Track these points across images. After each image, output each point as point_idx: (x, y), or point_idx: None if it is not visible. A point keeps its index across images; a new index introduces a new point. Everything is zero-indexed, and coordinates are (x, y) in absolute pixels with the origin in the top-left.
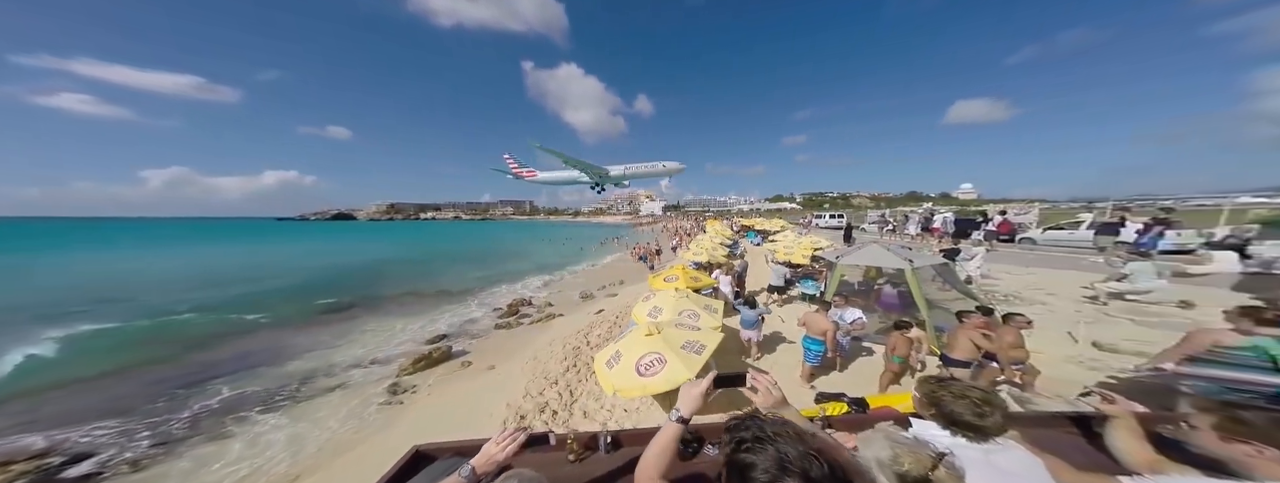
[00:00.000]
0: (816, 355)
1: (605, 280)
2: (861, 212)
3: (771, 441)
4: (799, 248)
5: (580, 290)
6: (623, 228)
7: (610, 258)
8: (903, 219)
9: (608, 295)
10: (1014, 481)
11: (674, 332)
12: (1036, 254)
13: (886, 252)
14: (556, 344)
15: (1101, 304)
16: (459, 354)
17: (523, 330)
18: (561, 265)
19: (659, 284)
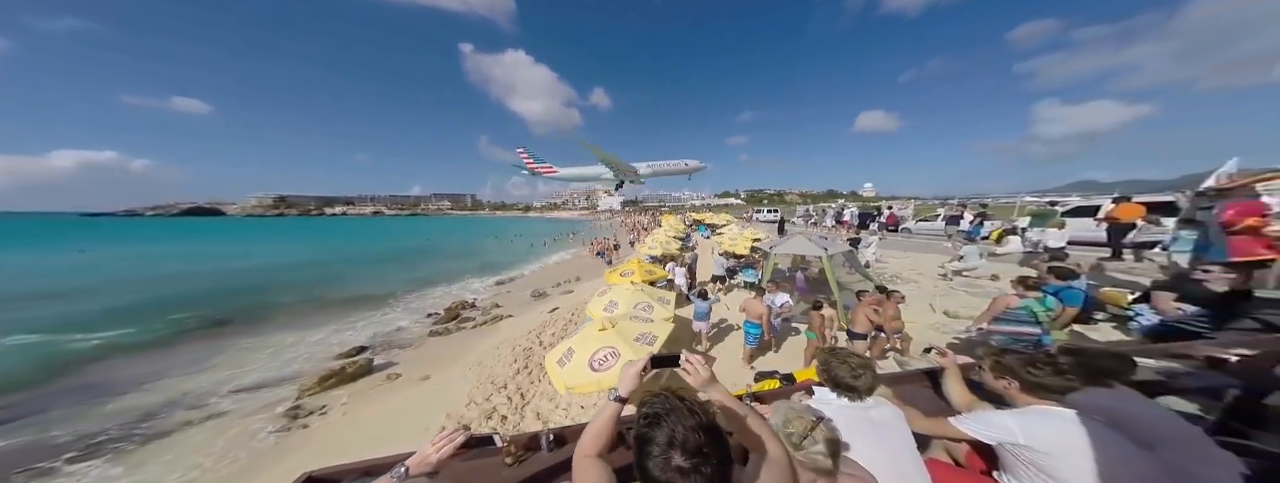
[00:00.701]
0: (754, 338)
1: (560, 277)
2: (792, 207)
3: (666, 417)
4: (741, 240)
5: (532, 289)
6: (579, 223)
7: (566, 254)
8: (821, 213)
9: (563, 293)
10: (884, 430)
11: (628, 325)
12: (912, 241)
13: (809, 242)
14: (505, 347)
15: (949, 280)
16: (383, 367)
17: (464, 336)
18: (510, 264)
19: (615, 279)
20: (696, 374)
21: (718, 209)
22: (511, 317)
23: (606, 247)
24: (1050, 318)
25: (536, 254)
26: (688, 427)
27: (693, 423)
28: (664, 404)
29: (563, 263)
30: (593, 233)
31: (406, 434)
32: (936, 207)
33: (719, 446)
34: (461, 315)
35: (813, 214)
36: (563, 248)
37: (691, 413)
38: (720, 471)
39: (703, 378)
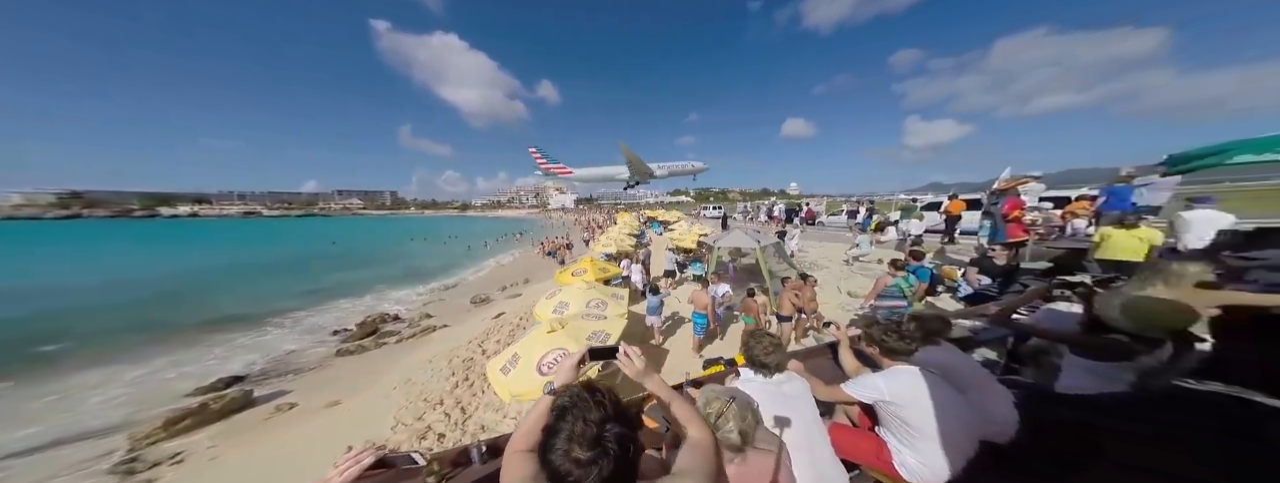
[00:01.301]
0: (702, 328)
1: (506, 280)
2: (734, 204)
3: (571, 409)
4: (690, 235)
5: (473, 295)
6: (528, 222)
7: (512, 255)
8: (756, 209)
9: (510, 296)
10: (794, 402)
11: (580, 324)
12: (824, 232)
13: (745, 236)
14: (440, 360)
15: (850, 265)
16: (270, 398)
17: (386, 353)
18: (444, 269)
19: (566, 279)
20: (632, 365)
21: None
22: (447, 327)
23: (558, 246)
24: (913, 293)
25: (477, 257)
26: (591, 419)
27: (598, 416)
28: (571, 397)
29: (509, 265)
30: (544, 232)
31: (313, 470)
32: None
33: (623, 438)
34: (381, 330)
35: (749, 210)
36: (508, 249)
37: (598, 405)
38: (623, 461)
39: (638, 369)
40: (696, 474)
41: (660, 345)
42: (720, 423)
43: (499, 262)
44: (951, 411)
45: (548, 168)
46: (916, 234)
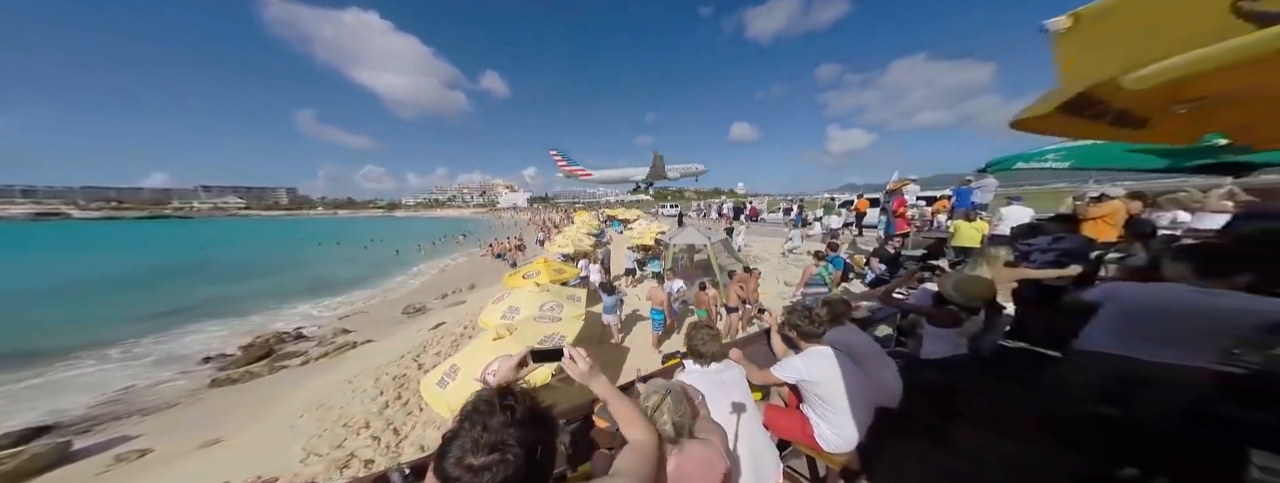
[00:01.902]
0: (659, 324)
1: (448, 287)
2: (689, 202)
3: (471, 415)
4: (648, 233)
5: (406, 305)
6: (472, 222)
7: (454, 259)
8: (708, 208)
9: (452, 305)
10: (731, 388)
11: (533, 328)
12: (766, 228)
13: (698, 233)
14: (364, 379)
15: (785, 257)
16: (103, 447)
17: (284, 378)
18: (365, 278)
19: (516, 282)
20: (576, 367)
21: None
22: (371, 342)
23: (508, 248)
24: (832, 280)
25: (409, 262)
26: (492, 424)
27: (501, 420)
28: (473, 402)
29: (451, 270)
30: (492, 233)
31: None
32: (779, 201)
33: (530, 442)
34: (278, 352)
35: (702, 209)
36: (449, 252)
37: (504, 409)
38: (528, 467)
39: (582, 371)
40: (631, 476)
41: (620, 343)
42: (656, 416)
43: (439, 267)
44: (855, 384)
45: (569, 171)
46: (835, 228)
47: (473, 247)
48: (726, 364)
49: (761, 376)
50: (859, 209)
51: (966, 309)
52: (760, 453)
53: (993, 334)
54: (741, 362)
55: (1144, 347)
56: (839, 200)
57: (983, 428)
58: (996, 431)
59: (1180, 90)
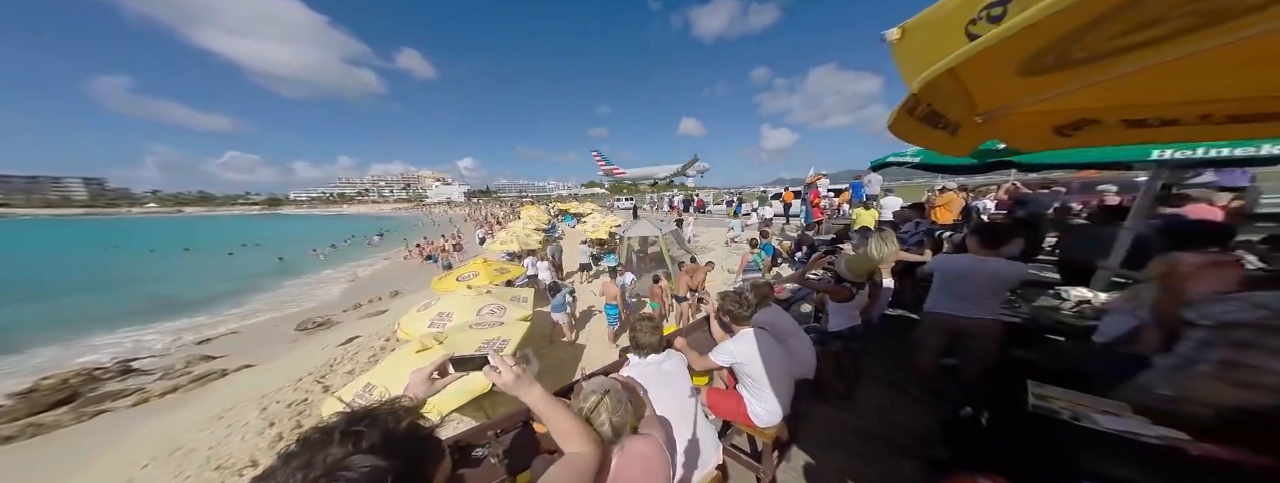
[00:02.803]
0: (615, 318)
1: (363, 296)
2: (644, 196)
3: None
4: (603, 227)
5: (303, 320)
6: (393, 220)
7: (370, 264)
8: (661, 201)
9: (369, 315)
10: (672, 377)
11: (469, 334)
12: (712, 219)
13: (650, 225)
14: (245, 409)
15: (728, 246)
16: None
17: (103, 425)
18: (232, 294)
19: (447, 285)
20: (500, 376)
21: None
22: (248, 368)
23: (441, 248)
24: (764, 265)
25: (300, 269)
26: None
27: (337, 454)
28: (305, 434)
29: (366, 277)
30: (421, 232)
31: None
32: (723, 195)
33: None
34: (86, 395)
35: (656, 202)
36: (362, 256)
37: (345, 438)
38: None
39: (507, 380)
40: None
41: (574, 341)
42: (593, 417)
43: (350, 273)
44: (779, 361)
45: (607, 169)
46: (767, 218)
47: (393, 248)
48: (667, 354)
49: (702, 361)
50: (785, 201)
51: (856, 284)
52: (702, 437)
53: (878, 305)
54: (684, 349)
55: (958, 305)
56: (770, 193)
57: (875, 386)
58: (884, 387)
59: (974, 104)
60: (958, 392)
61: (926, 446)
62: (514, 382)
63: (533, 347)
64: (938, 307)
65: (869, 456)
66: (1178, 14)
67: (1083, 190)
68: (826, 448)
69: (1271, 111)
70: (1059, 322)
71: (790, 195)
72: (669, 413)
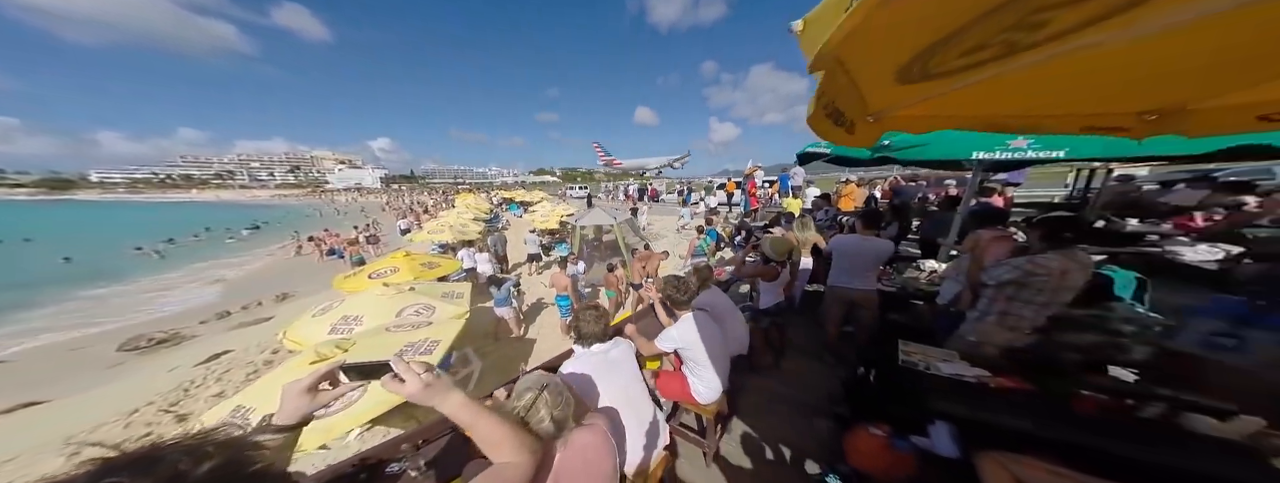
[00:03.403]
0: (567, 310)
1: (234, 302)
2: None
3: None
4: (553, 216)
5: (129, 338)
6: (272, 209)
7: (244, 263)
8: (616, 189)
9: (241, 325)
10: (618, 365)
11: (384, 339)
12: (665, 208)
13: (603, 213)
14: (42, 457)
15: (680, 233)
16: None
17: None
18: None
19: (357, 284)
20: (403, 386)
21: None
22: (38, 405)
23: (349, 241)
24: (710, 250)
25: (117, 273)
26: None
27: None
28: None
29: (237, 279)
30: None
31: None
32: (676, 183)
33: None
34: None
35: (611, 190)
36: (228, 253)
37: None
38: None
39: (413, 390)
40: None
41: (523, 336)
42: (530, 415)
43: (211, 275)
44: (716, 342)
45: (607, 160)
46: (712, 206)
47: (278, 243)
48: (614, 342)
49: (648, 347)
50: (728, 190)
51: (779, 263)
52: (651, 421)
53: (799, 283)
54: (634, 337)
55: (851, 279)
56: (716, 183)
57: (798, 356)
58: (805, 356)
59: (866, 105)
60: (855, 355)
61: (835, 404)
62: (422, 391)
63: (475, 346)
64: (835, 282)
65: (795, 419)
66: (994, 42)
67: (936, 183)
68: (761, 416)
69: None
70: (919, 289)
71: (733, 185)
72: (616, 401)
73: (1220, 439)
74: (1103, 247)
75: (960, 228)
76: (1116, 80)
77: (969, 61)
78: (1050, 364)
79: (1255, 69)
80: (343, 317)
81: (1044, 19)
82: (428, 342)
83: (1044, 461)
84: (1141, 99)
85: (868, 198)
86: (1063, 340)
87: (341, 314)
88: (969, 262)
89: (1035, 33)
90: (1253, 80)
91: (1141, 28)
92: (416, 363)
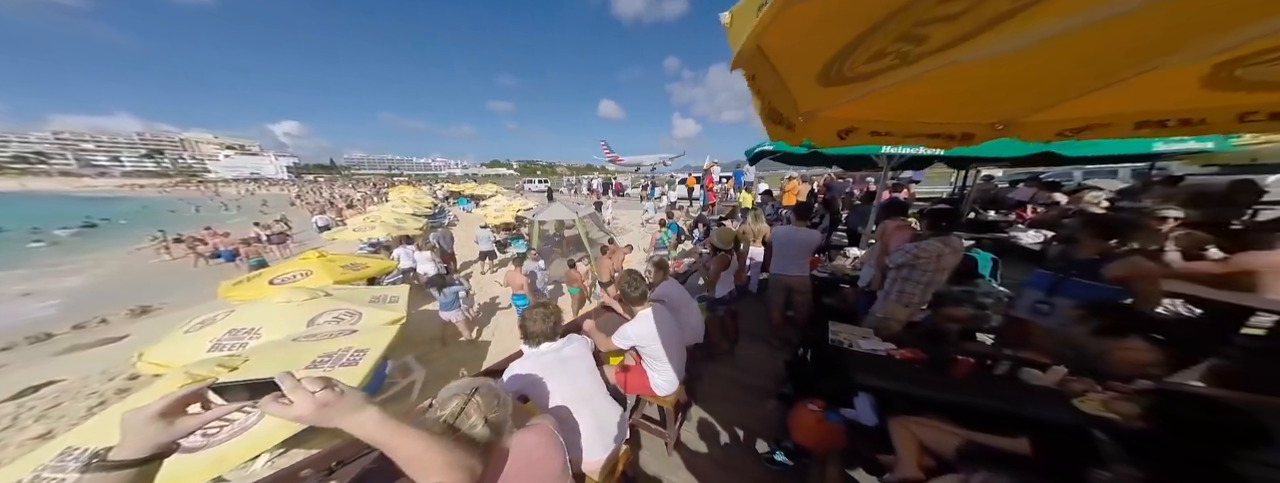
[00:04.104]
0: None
1: (64, 321)
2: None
3: None
4: (508, 210)
5: None
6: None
7: (79, 269)
8: (579, 183)
9: (72, 349)
10: (572, 362)
11: (289, 352)
12: (630, 202)
13: (564, 208)
14: None
15: (644, 227)
16: None
17: None
18: None
19: (252, 291)
20: (295, 408)
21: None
22: None
23: (241, 241)
24: (670, 243)
25: None
26: None
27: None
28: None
29: (72, 290)
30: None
31: None
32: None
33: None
34: None
35: (573, 184)
36: (46, 258)
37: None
38: None
39: (304, 411)
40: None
41: (476, 339)
42: (461, 422)
43: (20, 289)
44: (672, 334)
45: (611, 157)
46: (673, 201)
47: (134, 244)
48: (567, 339)
49: (607, 344)
50: (688, 185)
51: (727, 251)
52: (608, 417)
53: (751, 271)
54: (592, 333)
55: (788, 267)
56: (677, 178)
57: (750, 342)
58: (756, 342)
59: (796, 105)
60: (796, 337)
61: (780, 384)
62: (317, 412)
63: (419, 353)
64: (775, 269)
65: (748, 402)
66: (891, 51)
67: (860, 180)
68: (717, 401)
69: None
70: (846, 274)
71: (692, 180)
72: (569, 400)
73: (1042, 387)
74: (971, 234)
75: (875, 218)
76: (983, 94)
77: (875, 68)
78: (935, 335)
79: (1052, 92)
80: (230, 331)
81: (924, 33)
82: (351, 352)
83: (935, 420)
84: (997, 111)
85: (809, 193)
86: (944, 313)
87: (228, 328)
88: (879, 248)
89: (921, 45)
90: (1051, 101)
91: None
92: (311, 379)
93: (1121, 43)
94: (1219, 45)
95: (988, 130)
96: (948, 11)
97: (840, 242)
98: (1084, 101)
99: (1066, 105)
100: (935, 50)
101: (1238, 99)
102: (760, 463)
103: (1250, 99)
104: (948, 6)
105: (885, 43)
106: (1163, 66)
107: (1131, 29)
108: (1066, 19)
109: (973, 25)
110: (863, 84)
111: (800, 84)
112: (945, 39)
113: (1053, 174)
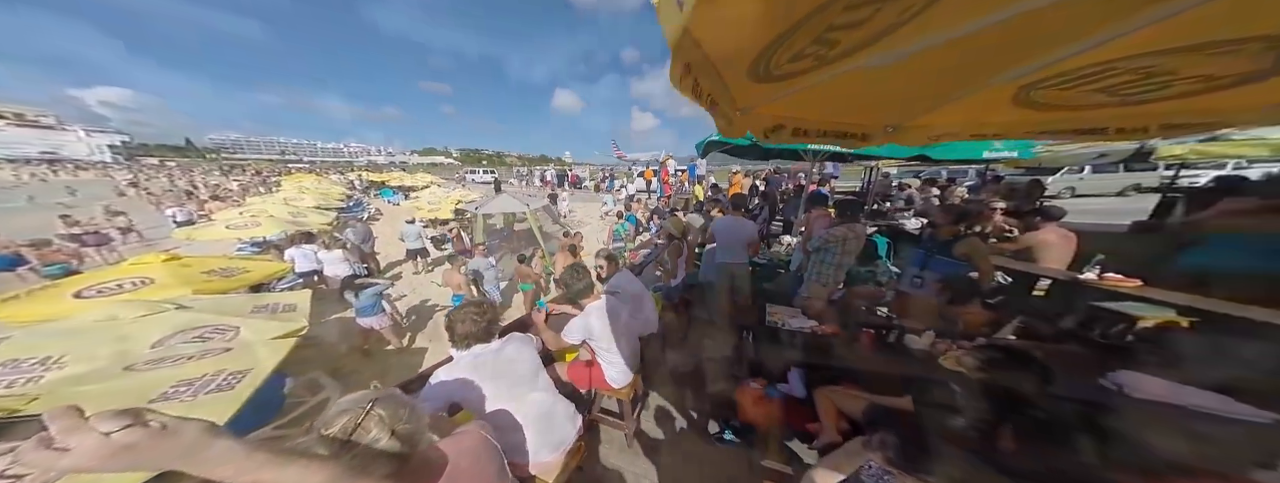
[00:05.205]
0: None
1: None
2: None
3: None
4: (445, 203)
5: None
6: None
7: None
8: (531, 174)
9: None
10: (511, 364)
11: (120, 383)
12: (587, 194)
13: (513, 200)
14: None
15: (603, 219)
16: None
17: None
18: None
19: (43, 308)
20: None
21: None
22: None
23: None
24: (627, 235)
25: None
26: None
27: None
28: None
29: None
30: None
31: None
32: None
33: None
34: None
35: (525, 175)
36: None
37: None
38: None
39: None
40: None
41: (408, 346)
42: (360, 436)
43: None
44: (623, 327)
45: (619, 154)
46: (631, 193)
47: None
48: (506, 339)
49: (557, 341)
50: (646, 177)
51: (677, 239)
52: (552, 412)
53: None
54: (541, 330)
55: (729, 255)
56: (635, 171)
57: (701, 328)
58: (708, 327)
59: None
60: (741, 321)
61: (731, 367)
62: (113, 458)
63: (334, 366)
64: (719, 258)
65: (701, 386)
66: (808, 53)
67: (794, 175)
68: (672, 388)
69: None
70: (781, 260)
71: (650, 173)
72: (510, 402)
73: (920, 350)
74: (873, 221)
75: (803, 209)
76: (879, 100)
77: (797, 68)
78: (847, 310)
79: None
80: (9, 362)
81: (834, 38)
82: (223, 375)
83: (848, 387)
84: (886, 116)
85: (752, 187)
86: (855, 291)
87: (10, 356)
88: (805, 235)
89: (832, 48)
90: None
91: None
92: (106, 414)
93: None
94: (1018, 71)
95: (881, 133)
96: (852, 18)
97: (777, 231)
98: (939, 113)
99: (928, 115)
100: (843, 55)
101: (1032, 115)
102: (712, 444)
103: (1039, 116)
104: (852, 14)
105: (804, 44)
106: (989, 86)
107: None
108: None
109: (870, 33)
110: (789, 83)
111: (733, 78)
112: (850, 44)
113: (928, 172)
